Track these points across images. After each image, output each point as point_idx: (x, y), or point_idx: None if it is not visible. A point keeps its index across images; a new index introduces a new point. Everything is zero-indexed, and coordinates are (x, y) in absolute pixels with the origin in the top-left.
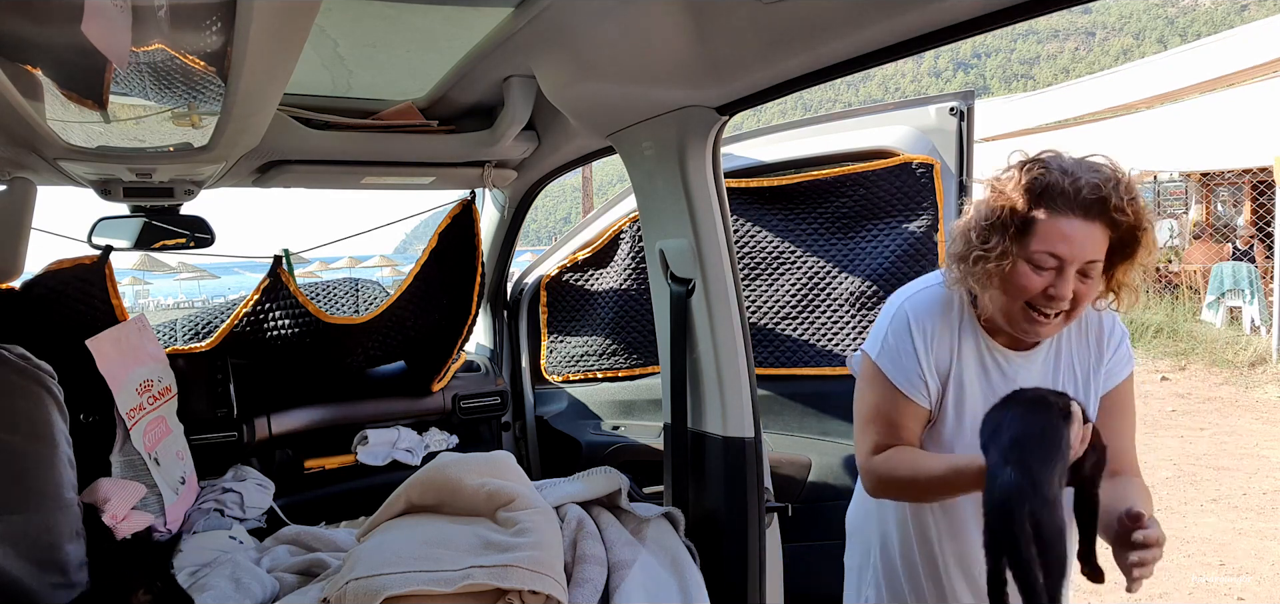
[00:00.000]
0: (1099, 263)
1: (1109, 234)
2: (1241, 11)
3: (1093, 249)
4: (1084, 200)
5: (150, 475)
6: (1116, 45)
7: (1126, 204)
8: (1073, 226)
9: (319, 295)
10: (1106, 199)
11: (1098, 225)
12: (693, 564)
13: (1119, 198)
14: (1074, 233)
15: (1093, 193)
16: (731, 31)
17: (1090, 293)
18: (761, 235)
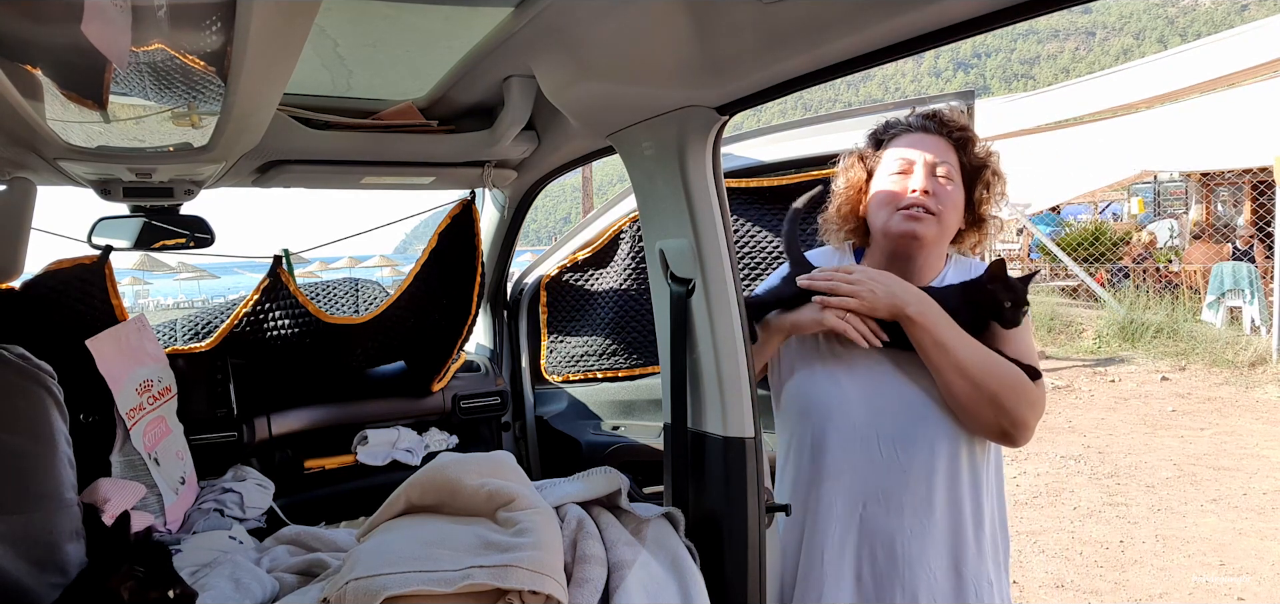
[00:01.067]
0: (950, 168)
1: (954, 150)
2: (1242, 11)
3: (938, 151)
4: (917, 121)
5: (150, 475)
6: (1117, 45)
7: (957, 119)
8: (913, 138)
9: (319, 295)
10: (935, 116)
11: (939, 138)
12: (693, 564)
13: (950, 117)
14: (915, 141)
15: (919, 117)
16: (731, 31)
17: (952, 197)
18: (761, 235)
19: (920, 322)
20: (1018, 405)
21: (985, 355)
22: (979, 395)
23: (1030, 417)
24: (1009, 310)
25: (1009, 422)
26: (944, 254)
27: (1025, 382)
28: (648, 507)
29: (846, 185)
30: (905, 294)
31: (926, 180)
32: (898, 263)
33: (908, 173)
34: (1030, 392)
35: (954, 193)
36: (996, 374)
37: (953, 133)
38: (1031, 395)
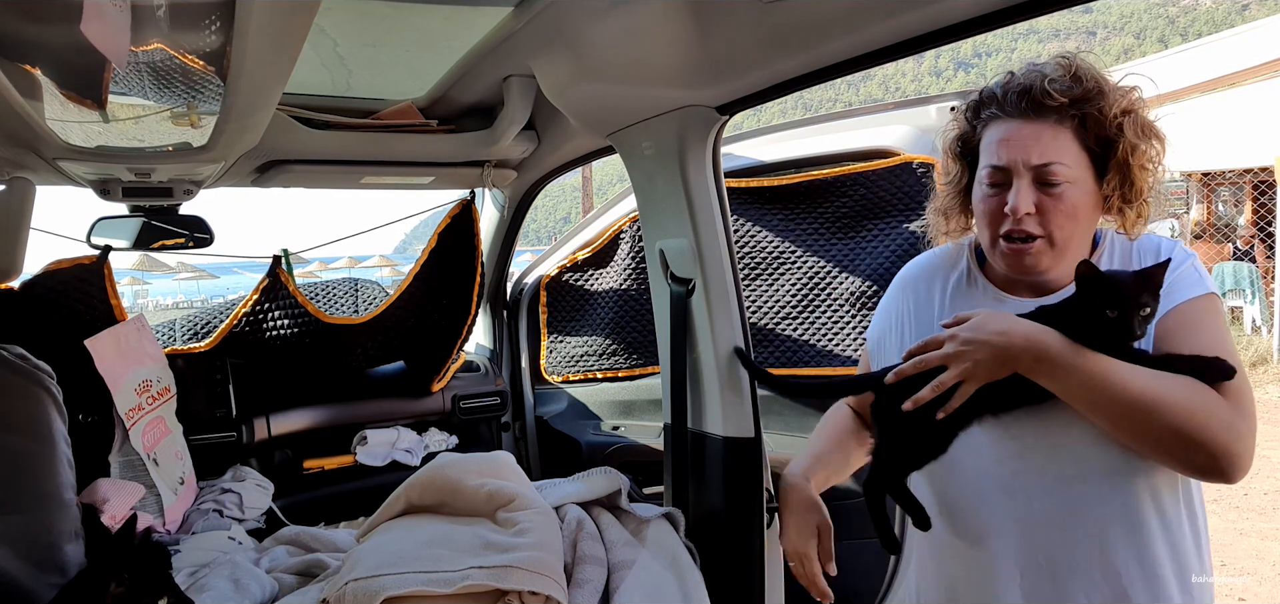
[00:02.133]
0: (1065, 167)
1: (1073, 133)
2: (1242, 11)
3: (1041, 149)
4: (1011, 99)
5: (149, 476)
6: (1117, 45)
7: (1075, 83)
8: (1008, 129)
9: (318, 295)
10: (1032, 87)
11: (1045, 124)
12: (693, 565)
13: (1062, 82)
14: (1011, 135)
15: (1020, 86)
16: (731, 31)
17: (1068, 209)
18: (761, 235)
19: (1044, 368)
20: (1210, 430)
21: (1143, 380)
22: (1154, 435)
23: (1232, 440)
24: (1115, 321)
25: (1205, 456)
26: (1084, 249)
27: (1211, 397)
28: (648, 507)
29: (948, 186)
30: (1012, 340)
31: (1026, 197)
32: (1021, 280)
33: (1003, 183)
34: (1221, 409)
35: (1071, 194)
36: (1167, 400)
37: (1062, 106)
38: (1224, 412)
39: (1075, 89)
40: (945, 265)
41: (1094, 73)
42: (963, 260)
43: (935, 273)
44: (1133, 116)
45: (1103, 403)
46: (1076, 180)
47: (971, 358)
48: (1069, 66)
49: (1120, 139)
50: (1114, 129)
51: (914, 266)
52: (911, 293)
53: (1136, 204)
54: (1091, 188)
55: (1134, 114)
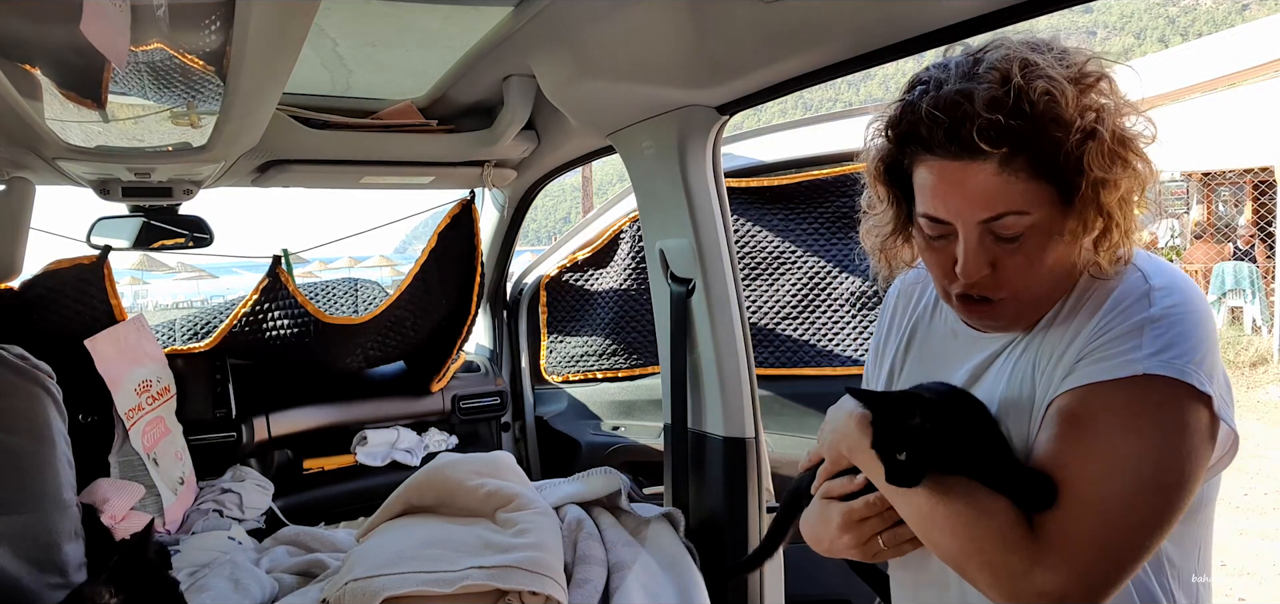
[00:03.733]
0: (1020, 216)
1: (1027, 168)
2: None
3: (987, 200)
4: (939, 137)
5: (149, 476)
6: (1117, 44)
7: (1016, 116)
8: (941, 172)
9: (318, 295)
10: (960, 126)
11: (987, 165)
12: (693, 565)
13: (999, 116)
14: (945, 181)
15: (945, 123)
16: (732, 31)
17: (1031, 258)
18: (761, 235)
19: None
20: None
21: (918, 503)
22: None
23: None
24: (900, 465)
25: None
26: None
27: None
28: (647, 507)
29: (883, 219)
30: (835, 438)
31: (976, 257)
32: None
33: (947, 234)
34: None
35: (1033, 240)
36: (943, 528)
37: (1012, 141)
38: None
39: (1017, 125)
40: (922, 281)
41: (1043, 89)
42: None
43: (913, 290)
44: (1098, 140)
45: (904, 516)
46: (1038, 222)
47: (827, 452)
48: (1007, 85)
49: (1083, 175)
50: (1073, 162)
51: (902, 281)
52: (888, 314)
53: (1114, 237)
54: (1059, 222)
55: (1099, 135)
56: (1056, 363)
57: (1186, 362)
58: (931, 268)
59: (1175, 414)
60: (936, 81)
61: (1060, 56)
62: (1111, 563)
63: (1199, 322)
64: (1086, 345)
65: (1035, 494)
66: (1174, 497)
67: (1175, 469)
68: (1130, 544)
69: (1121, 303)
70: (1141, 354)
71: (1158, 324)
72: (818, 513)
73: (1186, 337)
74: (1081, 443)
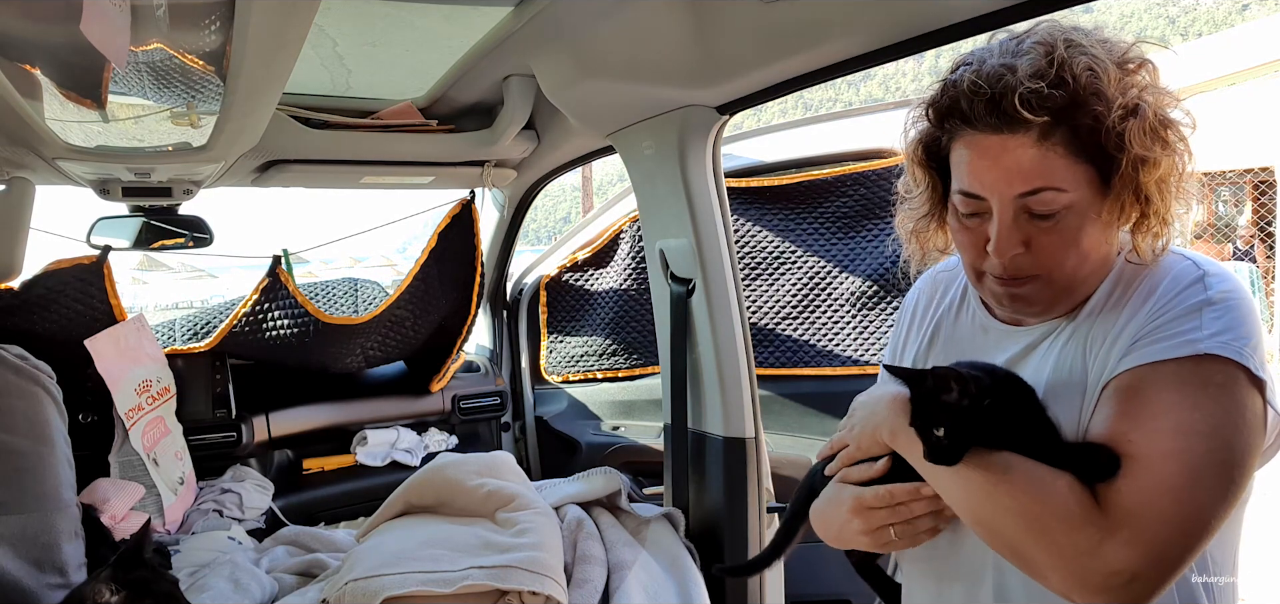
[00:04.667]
0: (1058, 192)
1: (1066, 145)
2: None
3: (1024, 174)
4: (979, 110)
5: (149, 476)
6: None
7: (1059, 87)
8: (980, 146)
9: (318, 295)
10: (1002, 98)
11: (1026, 139)
12: (693, 565)
13: (1041, 88)
14: (984, 155)
15: (987, 95)
16: (732, 31)
17: (1066, 239)
18: (761, 235)
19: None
20: (1043, 550)
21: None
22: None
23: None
24: (939, 442)
25: (1045, 577)
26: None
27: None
28: (647, 507)
29: (918, 201)
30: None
31: (1010, 234)
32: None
33: (981, 212)
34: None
35: (1069, 221)
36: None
37: (1053, 111)
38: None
39: (1058, 96)
40: (945, 281)
41: (1086, 64)
42: (959, 278)
43: (935, 289)
44: (1140, 118)
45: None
46: (1075, 203)
47: (855, 437)
48: (1051, 58)
49: (1123, 152)
50: (1114, 139)
51: (924, 279)
52: (908, 315)
53: (1152, 223)
54: (1097, 204)
55: (1141, 113)
56: (1111, 344)
57: (1244, 345)
58: (964, 249)
59: (1235, 395)
60: (980, 59)
61: (1103, 41)
62: (1181, 540)
63: (1252, 309)
64: (1144, 326)
65: (1098, 466)
66: (1236, 475)
67: (1237, 448)
68: (1199, 521)
69: (1177, 285)
70: (1202, 334)
71: (1216, 306)
72: (830, 498)
73: (1243, 322)
74: (1145, 419)
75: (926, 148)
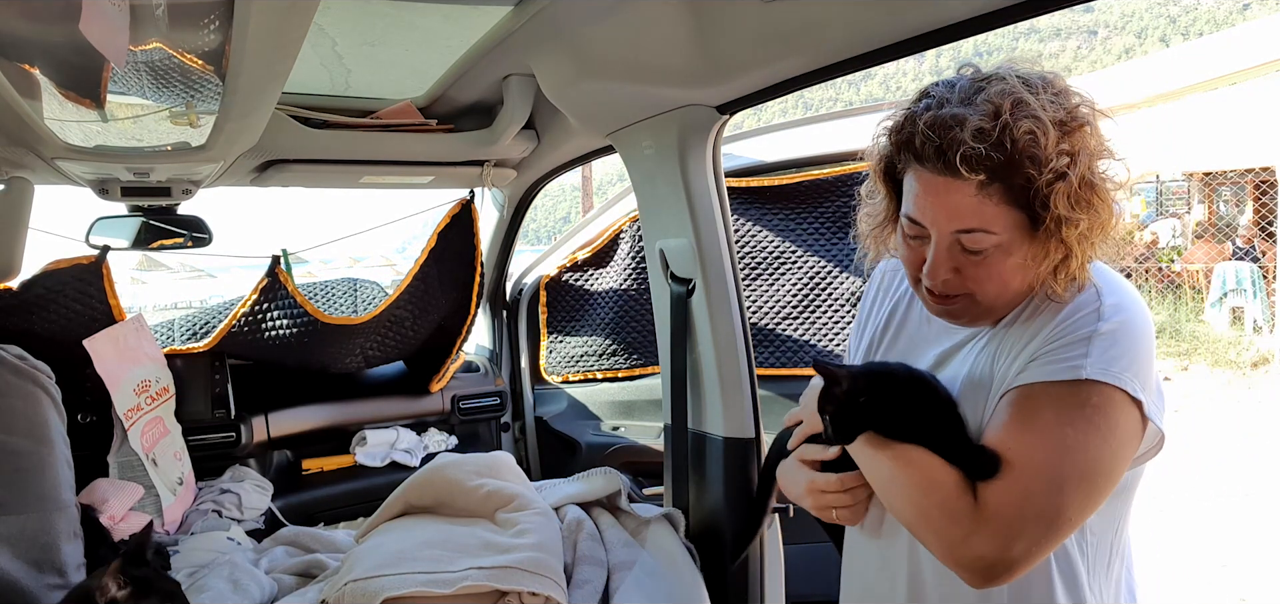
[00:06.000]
0: (989, 234)
1: (1002, 195)
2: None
3: (960, 214)
4: (928, 151)
5: (148, 476)
6: (1119, 44)
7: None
8: (925, 182)
9: (317, 295)
10: (947, 149)
11: (967, 185)
12: (693, 565)
13: (981, 146)
14: (928, 191)
15: (935, 143)
16: (732, 30)
17: (992, 273)
18: (762, 235)
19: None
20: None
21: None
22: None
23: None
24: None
25: (938, 556)
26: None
27: (951, 497)
28: (647, 507)
29: (877, 208)
30: (806, 404)
31: (943, 262)
32: None
33: (922, 236)
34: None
35: (997, 258)
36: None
37: (990, 169)
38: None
39: (996, 158)
40: (902, 272)
41: (1027, 128)
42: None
43: (894, 279)
44: (1066, 182)
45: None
46: (1003, 243)
47: (806, 414)
48: (996, 119)
49: (1047, 211)
50: (1041, 199)
51: (884, 266)
52: (871, 295)
53: (1070, 268)
54: (1023, 246)
55: (1068, 178)
56: (1014, 358)
57: (1123, 370)
58: (907, 262)
59: (1108, 415)
60: (939, 100)
61: (1055, 96)
62: (1040, 536)
63: (1140, 337)
64: (1041, 347)
65: (981, 466)
66: (1099, 482)
67: (1102, 460)
68: (1057, 521)
69: (1075, 314)
70: (1086, 361)
71: (1104, 337)
72: (791, 470)
73: (1127, 351)
74: (1025, 431)
75: (886, 166)
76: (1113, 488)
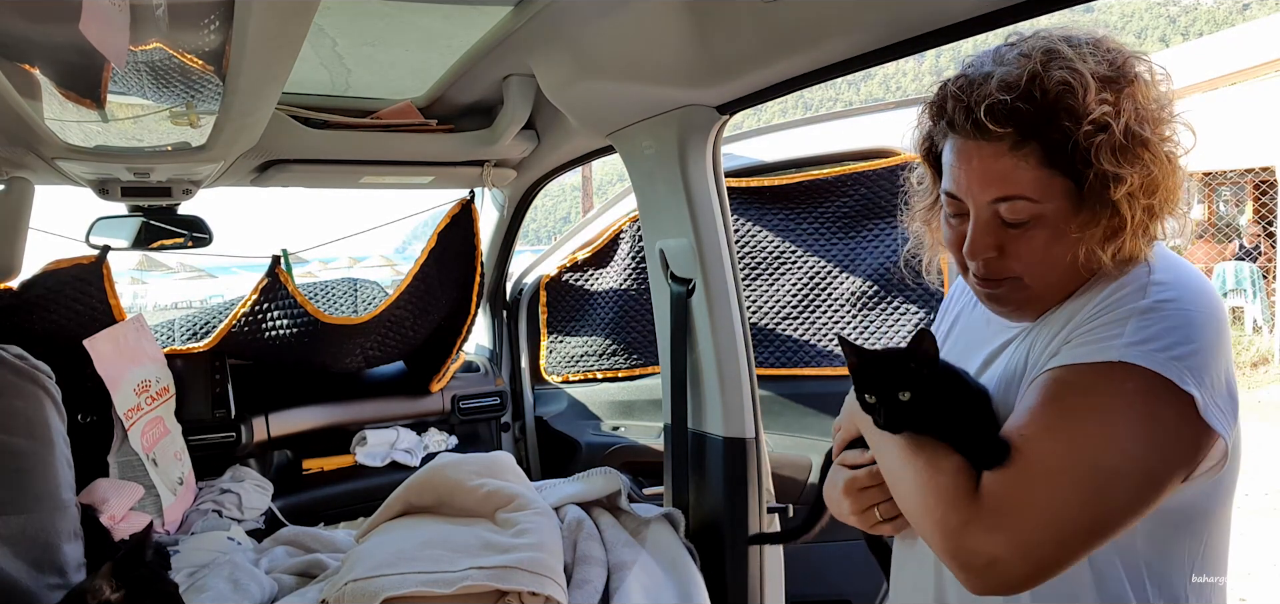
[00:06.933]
0: (1028, 202)
1: (1039, 156)
2: (1243, 10)
3: (996, 182)
4: (959, 116)
5: (148, 476)
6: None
7: (1027, 100)
8: (960, 150)
9: (317, 295)
10: (974, 107)
11: (1000, 147)
12: (693, 565)
13: (1009, 100)
14: (962, 159)
15: (964, 103)
16: (732, 30)
17: (1037, 247)
18: (761, 235)
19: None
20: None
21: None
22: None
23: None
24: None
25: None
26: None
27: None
28: (647, 507)
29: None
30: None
31: (984, 238)
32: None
33: (962, 212)
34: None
35: (1040, 231)
36: (904, 480)
37: (1020, 124)
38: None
39: (1025, 109)
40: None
41: (1061, 78)
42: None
43: (965, 288)
44: (1109, 135)
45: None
46: (1046, 213)
47: (845, 421)
48: (1026, 70)
49: (1090, 168)
50: (1082, 155)
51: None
52: (948, 300)
53: (1121, 239)
54: (1071, 219)
55: (1112, 131)
56: (1048, 342)
57: (1168, 356)
58: (950, 247)
59: (1146, 405)
60: (975, 63)
61: (1095, 50)
62: (1053, 538)
63: (1194, 320)
64: (1077, 328)
65: (989, 454)
66: (1131, 485)
67: (1136, 458)
68: (1076, 524)
69: (1118, 292)
70: (1120, 342)
71: (1146, 316)
72: (831, 479)
73: (1174, 331)
74: (1046, 417)
75: (928, 144)
76: (1154, 496)
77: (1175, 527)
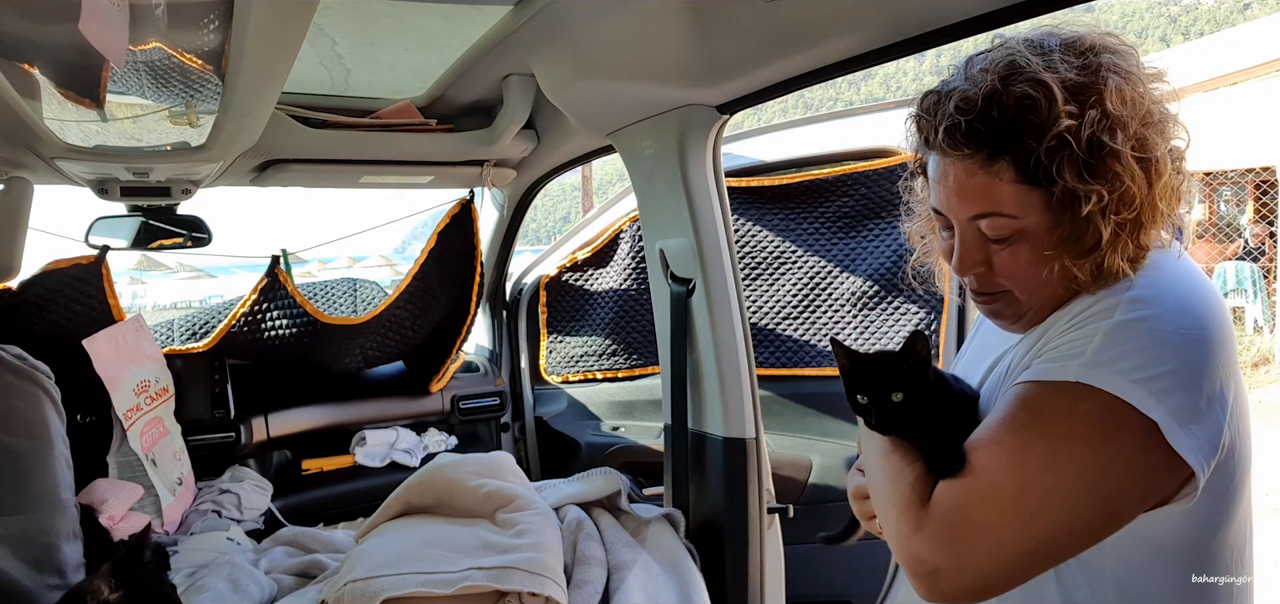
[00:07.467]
0: (1006, 218)
1: (1014, 168)
2: (1244, 10)
3: (973, 199)
4: (936, 133)
5: (147, 476)
6: None
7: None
8: (940, 167)
9: (317, 295)
10: (940, 124)
11: (975, 163)
12: (693, 566)
13: (971, 117)
14: (942, 176)
15: (934, 121)
16: (732, 30)
17: (1023, 261)
18: (762, 235)
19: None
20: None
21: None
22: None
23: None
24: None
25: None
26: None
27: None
28: (647, 507)
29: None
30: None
31: (970, 253)
32: None
33: (949, 227)
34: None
35: (1023, 245)
36: (874, 485)
37: (986, 142)
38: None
39: (982, 130)
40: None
41: (1021, 93)
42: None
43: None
44: (1068, 151)
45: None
46: (1027, 229)
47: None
48: (984, 88)
49: (1054, 184)
50: (1044, 174)
51: None
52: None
53: (1099, 254)
54: (1051, 233)
55: (1074, 145)
56: (1024, 355)
57: (1129, 378)
58: (945, 258)
59: (1101, 429)
60: (946, 80)
61: (1068, 54)
62: (994, 555)
63: (1167, 340)
64: (1047, 344)
65: (946, 463)
66: (1075, 508)
67: (1084, 482)
68: (1017, 544)
69: (1090, 308)
70: (1080, 361)
71: (1111, 335)
72: (849, 480)
73: (1142, 353)
74: (999, 432)
75: (918, 156)
76: (1109, 522)
77: (1156, 550)
